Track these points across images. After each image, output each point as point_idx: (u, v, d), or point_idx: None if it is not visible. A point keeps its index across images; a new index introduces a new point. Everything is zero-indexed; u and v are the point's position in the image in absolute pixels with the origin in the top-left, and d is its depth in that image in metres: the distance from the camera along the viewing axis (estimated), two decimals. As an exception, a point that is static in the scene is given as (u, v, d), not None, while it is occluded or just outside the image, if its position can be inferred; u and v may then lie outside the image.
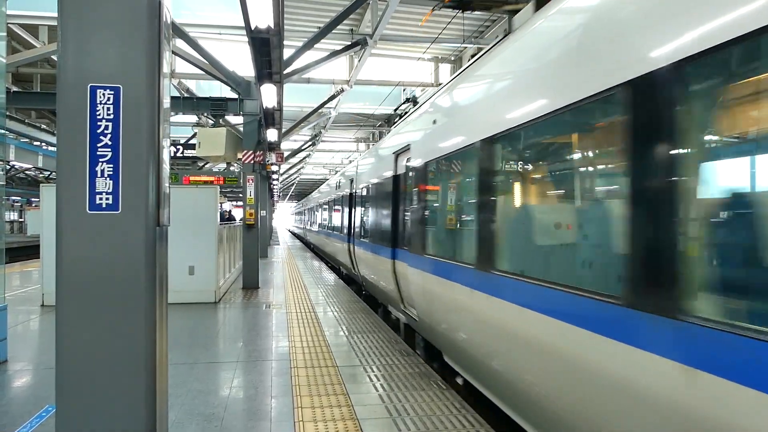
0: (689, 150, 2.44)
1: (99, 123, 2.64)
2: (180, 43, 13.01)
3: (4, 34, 6.92)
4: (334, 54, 13.47)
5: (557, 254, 3.81)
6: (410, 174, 7.47)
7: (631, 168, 2.72)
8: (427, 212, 6.65)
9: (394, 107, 23.07)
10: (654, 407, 2.49)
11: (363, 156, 13.29)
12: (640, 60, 2.61)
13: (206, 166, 26.13)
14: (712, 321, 2.23)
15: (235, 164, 23.63)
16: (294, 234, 58.96)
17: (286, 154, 25.62)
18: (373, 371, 6.20)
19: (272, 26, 7.03)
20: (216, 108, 13.76)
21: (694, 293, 2.38)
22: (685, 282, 2.38)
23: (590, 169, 3.62)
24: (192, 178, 18.60)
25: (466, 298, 4.88)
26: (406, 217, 7.70)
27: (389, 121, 25.25)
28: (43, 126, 22.16)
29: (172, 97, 13.89)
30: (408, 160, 7.67)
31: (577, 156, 3.75)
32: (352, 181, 13.60)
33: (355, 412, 4.89)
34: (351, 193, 13.63)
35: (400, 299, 7.98)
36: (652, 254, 2.52)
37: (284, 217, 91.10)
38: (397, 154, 8.40)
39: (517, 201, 4.39)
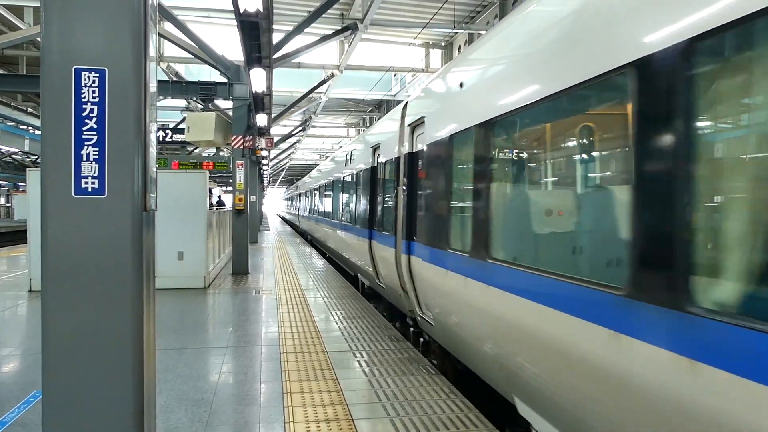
0: None
1: (84, 106, 2.60)
2: (169, 27, 12.87)
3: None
4: (325, 39, 13.38)
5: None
6: None
7: None
8: None
9: (384, 93, 23.00)
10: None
11: None
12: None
13: (195, 151, 25.95)
14: None
15: (225, 149, 23.47)
16: (287, 221, 53.14)
17: (276, 139, 25.50)
18: (363, 356, 6.22)
19: (261, 9, 6.97)
20: (205, 92, 13.64)
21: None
22: None
23: None
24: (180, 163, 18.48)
25: None
26: None
27: (380, 106, 25.17)
28: (30, 109, 21.89)
29: (161, 81, 13.75)
30: None
31: None
32: None
33: (344, 397, 4.91)
34: None
35: None
36: None
37: (274, 202, 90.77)
38: None
39: None
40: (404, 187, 7.14)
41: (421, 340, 7.07)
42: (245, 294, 10.49)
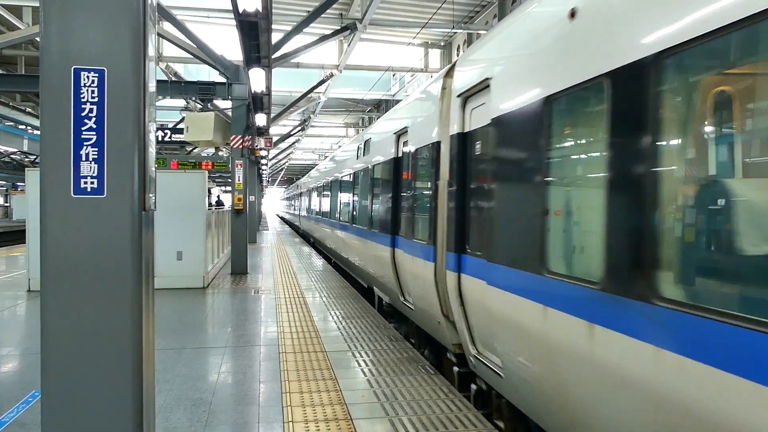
0: None
1: (83, 106, 2.60)
2: (168, 27, 12.87)
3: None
4: (324, 38, 13.38)
5: None
6: None
7: None
8: None
9: (383, 93, 23.01)
10: None
11: None
12: None
13: (194, 150, 25.94)
14: None
15: (224, 149, 23.47)
16: (286, 221, 52.11)
17: (275, 139, 25.51)
18: (362, 356, 6.22)
19: (260, 9, 6.97)
20: (204, 92, 13.64)
21: None
22: None
23: None
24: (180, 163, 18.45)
25: None
26: None
27: (379, 106, 25.18)
28: (28, 109, 21.87)
29: (160, 81, 13.74)
30: None
31: None
32: None
33: (343, 397, 4.92)
34: None
35: None
36: None
37: (274, 202, 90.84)
38: None
39: None
40: (449, 181, 5.33)
41: (474, 387, 5.21)
42: (244, 294, 10.49)
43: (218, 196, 35.17)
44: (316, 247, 22.22)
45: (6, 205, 46.15)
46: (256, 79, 10.79)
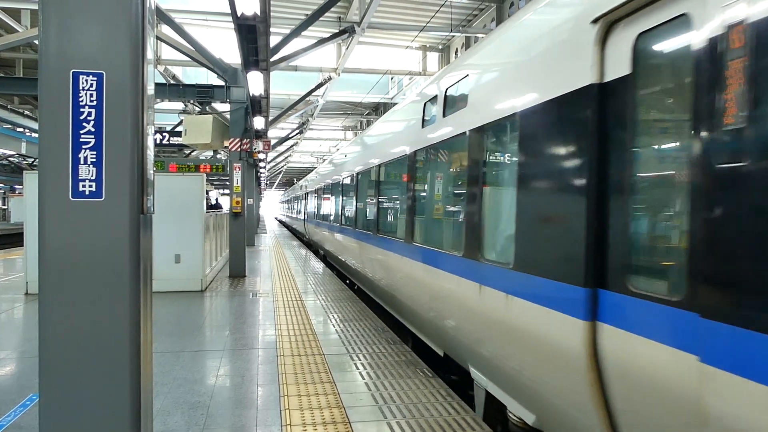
0: None
1: (82, 109, 2.61)
2: (166, 29, 12.87)
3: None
4: (322, 42, 13.40)
5: None
6: None
7: None
8: None
9: (381, 96, 23.03)
10: None
11: None
12: None
13: (193, 153, 25.93)
14: None
15: (222, 152, 23.47)
16: (285, 225, 50.83)
17: (273, 142, 25.51)
18: (360, 359, 6.22)
19: (258, 13, 6.98)
20: (202, 95, 13.63)
21: None
22: None
23: None
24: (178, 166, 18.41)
25: None
26: None
27: (377, 109, 25.20)
28: (27, 112, 21.85)
29: (158, 84, 13.74)
30: None
31: None
32: None
33: (341, 400, 4.91)
34: None
35: None
36: None
37: (272, 205, 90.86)
38: None
39: None
40: None
41: None
42: (242, 297, 10.48)
43: (216, 199, 35.15)
44: (325, 259, 18.11)
45: (4, 207, 46.08)
46: (255, 82, 10.80)
